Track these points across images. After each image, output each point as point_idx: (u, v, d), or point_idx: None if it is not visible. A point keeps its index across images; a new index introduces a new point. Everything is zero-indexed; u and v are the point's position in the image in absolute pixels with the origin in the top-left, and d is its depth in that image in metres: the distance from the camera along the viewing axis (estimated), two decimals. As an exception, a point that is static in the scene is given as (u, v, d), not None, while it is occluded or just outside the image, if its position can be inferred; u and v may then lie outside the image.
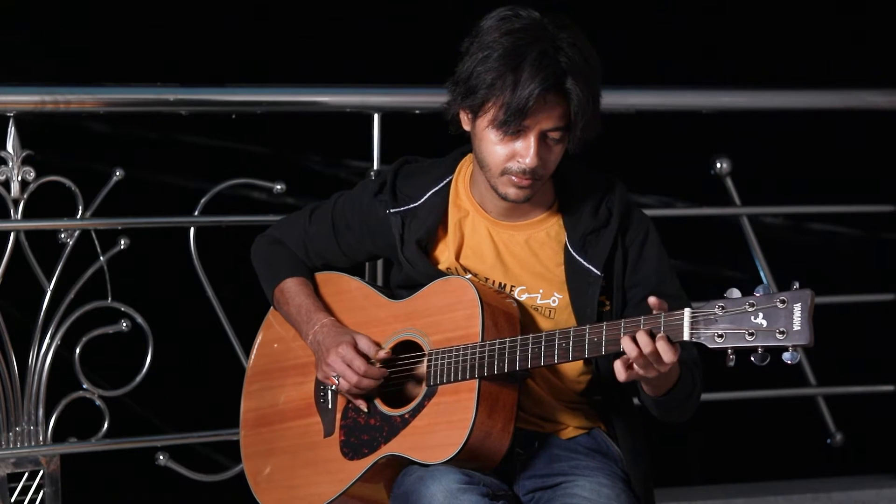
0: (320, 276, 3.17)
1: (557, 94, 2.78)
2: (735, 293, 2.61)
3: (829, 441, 4.37)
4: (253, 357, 3.23)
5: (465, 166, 3.03)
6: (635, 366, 2.67)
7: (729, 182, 4.22)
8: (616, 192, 2.96)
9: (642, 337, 2.65)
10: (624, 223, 2.94)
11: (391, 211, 3.03)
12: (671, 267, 2.96)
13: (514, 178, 2.84)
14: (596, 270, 2.90)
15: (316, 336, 3.04)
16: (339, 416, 3.02)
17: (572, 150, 2.85)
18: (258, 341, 3.23)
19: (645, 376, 2.69)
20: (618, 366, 2.69)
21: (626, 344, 2.66)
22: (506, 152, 2.84)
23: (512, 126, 2.79)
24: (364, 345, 2.98)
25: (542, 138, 2.82)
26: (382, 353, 2.96)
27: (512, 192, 2.87)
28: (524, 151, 2.82)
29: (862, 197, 4.58)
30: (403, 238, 3.02)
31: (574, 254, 2.92)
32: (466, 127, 2.90)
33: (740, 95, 4.31)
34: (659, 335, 2.64)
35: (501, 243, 2.97)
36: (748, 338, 2.58)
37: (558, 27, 2.81)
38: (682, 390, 2.82)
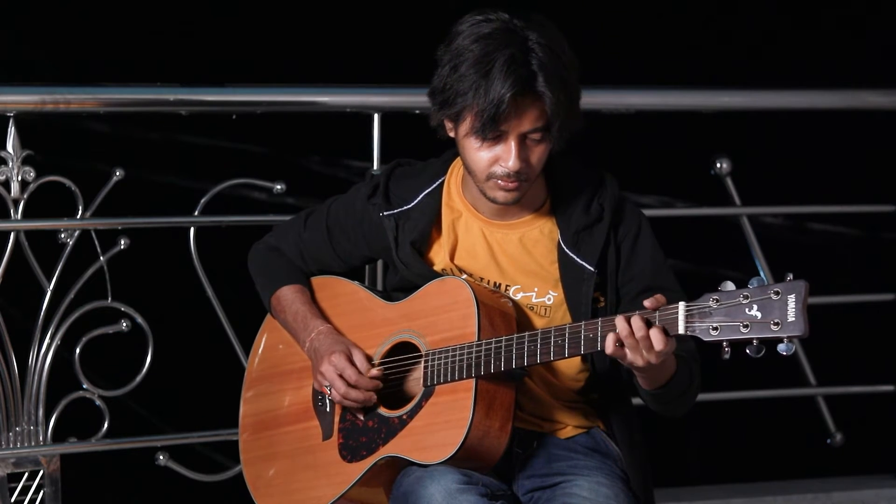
0: (316, 281, 3.17)
1: (531, 97, 2.78)
2: (729, 286, 2.62)
3: (829, 441, 4.37)
4: (251, 362, 3.23)
5: (457, 167, 3.03)
6: (626, 347, 2.67)
7: (729, 182, 4.22)
8: (607, 187, 2.96)
9: (636, 321, 2.65)
10: (616, 218, 2.94)
11: (384, 214, 3.04)
12: (665, 259, 2.96)
13: (500, 181, 2.85)
14: (589, 267, 2.90)
15: (312, 343, 3.04)
16: (337, 418, 3.02)
17: (555, 147, 2.85)
18: (255, 347, 3.23)
19: (633, 362, 2.69)
20: (609, 338, 2.69)
21: (618, 322, 2.66)
22: (488, 157, 2.84)
23: (489, 132, 2.79)
24: (358, 358, 2.98)
25: (523, 140, 2.82)
26: (375, 371, 2.97)
27: (500, 195, 2.87)
28: (505, 155, 2.82)
29: (862, 197, 4.58)
30: (398, 240, 3.02)
31: (567, 251, 2.92)
32: (451, 134, 2.90)
33: (740, 95, 4.31)
34: (655, 325, 2.64)
35: (496, 243, 2.97)
36: (743, 330, 2.59)
37: (528, 27, 2.80)
38: (678, 384, 2.82)
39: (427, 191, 3.03)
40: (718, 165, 4.19)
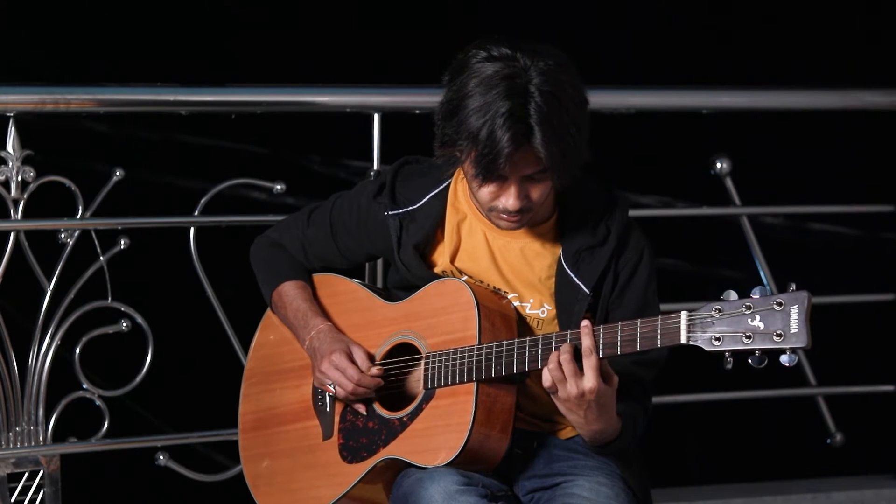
0: (317, 278, 3.17)
1: (529, 150, 2.74)
2: (732, 295, 2.60)
3: (829, 441, 4.37)
4: (250, 359, 3.23)
5: (465, 170, 3.02)
6: (555, 381, 2.71)
7: (729, 182, 4.22)
8: (617, 210, 2.94)
9: (565, 353, 2.69)
10: (620, 245, 2.92)
11: (389, 213, 3.03)
12: (655, 293, 2.94)
13: (502, 215, 2.84)
14: (585, 288, 2.89)
15: (312, 342, 3.04)
16: (337, 418, 3.02)
17: (560, 186, 2.82)
18: (255, 343, 3.23)
19: (567, 397, 2.71)
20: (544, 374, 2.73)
21: (552, 358, 2.70)
22: (489, 194, 2.82)
23: (488, 177, 2.78)
24: (358, 356, 2.97)
25: (524, 180, 2.80)
26: (375, 370, 2.96)
27: (503, 224, 2.87)
28: (505, 196, 2.81)
29: (862, 197, 4.57)
30: (401, 241, 3.01)
31: (566, 268, 2.91)
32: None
33: (740, 95, 4.31)
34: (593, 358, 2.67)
35: (497, 249, 2.96)
36: (745, 340, 2.58)
37: (533, 66, 2.74)
38: (617, 447, 2.85)
39: (433, 192, 3.01)
40: (718, 165, 4.19)
